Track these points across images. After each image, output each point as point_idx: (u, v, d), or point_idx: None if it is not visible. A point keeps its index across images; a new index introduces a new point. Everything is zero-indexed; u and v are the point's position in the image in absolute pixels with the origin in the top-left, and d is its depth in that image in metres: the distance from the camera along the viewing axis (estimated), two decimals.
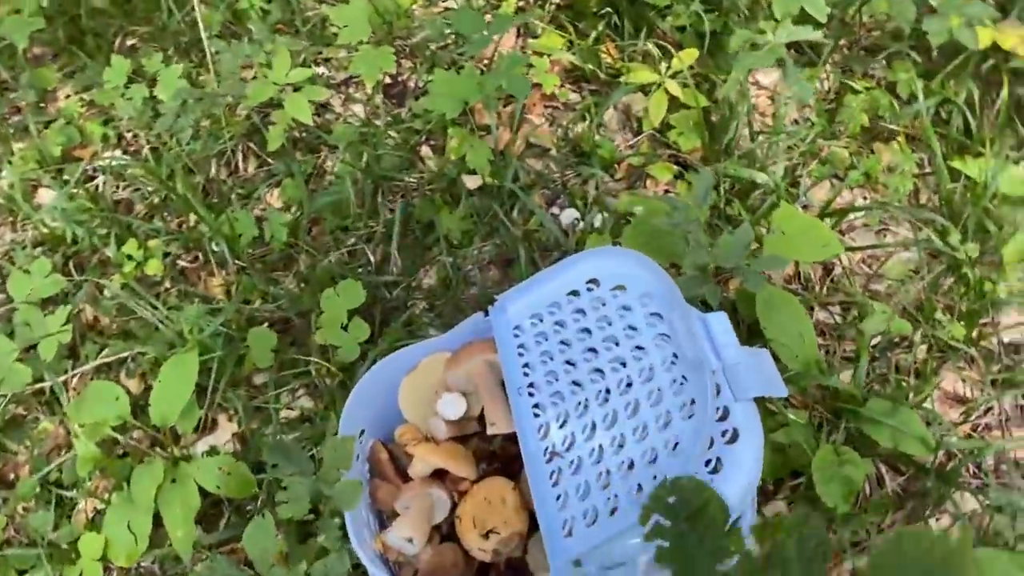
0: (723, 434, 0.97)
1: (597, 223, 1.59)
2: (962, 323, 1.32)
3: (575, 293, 1.13)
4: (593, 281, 1.12)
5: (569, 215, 1.65)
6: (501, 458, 1.22)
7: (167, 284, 1.63)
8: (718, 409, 0.98)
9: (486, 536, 1.13)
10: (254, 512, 1.38)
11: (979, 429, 1.34)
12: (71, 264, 1.66)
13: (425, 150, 1.76)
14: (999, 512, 1.23)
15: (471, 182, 1.64)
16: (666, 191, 1.68)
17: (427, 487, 1.13)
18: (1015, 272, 1.39)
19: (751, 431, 1.01)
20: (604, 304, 1.10)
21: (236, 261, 1.59)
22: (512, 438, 1.22)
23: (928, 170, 1.64)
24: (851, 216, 1.58)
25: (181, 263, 1.66)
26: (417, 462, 1.16)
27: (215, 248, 1.64)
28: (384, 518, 1.21)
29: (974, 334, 1.37)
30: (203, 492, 1.32)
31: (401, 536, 1.08)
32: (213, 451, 1.44)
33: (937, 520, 1.25)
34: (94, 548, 1.28)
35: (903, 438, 1.22)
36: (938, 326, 1.32)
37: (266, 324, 1.52)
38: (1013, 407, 1.36)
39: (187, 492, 1.30)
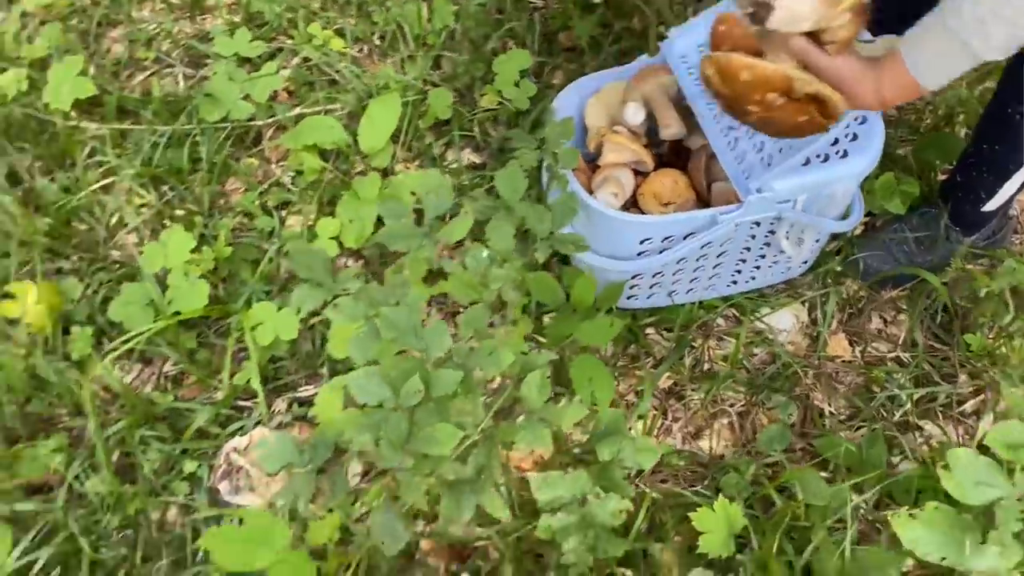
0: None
1: None
2: None
3: None
4: None
5: None
6: (668, 161, 1.56)
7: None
8: None
9: (664, 206, 1.46)
10: None
11: None
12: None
13: None
14: None
15: None
16: None
17: (615, 170, 1.46)
18: None
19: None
20: None
21: (411, 44, 1.89)
22: (677, 145, 1.56)
23: None
24: None
25: (351, 52, 1.94)
26: (609, 150, 1.48)
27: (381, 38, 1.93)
28: None
29: None
30: None
31: (608, 192, 1.41)
32: None
33: None
34: (330, 229, 1.56)
35: None
36: None
37: None
38: None
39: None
